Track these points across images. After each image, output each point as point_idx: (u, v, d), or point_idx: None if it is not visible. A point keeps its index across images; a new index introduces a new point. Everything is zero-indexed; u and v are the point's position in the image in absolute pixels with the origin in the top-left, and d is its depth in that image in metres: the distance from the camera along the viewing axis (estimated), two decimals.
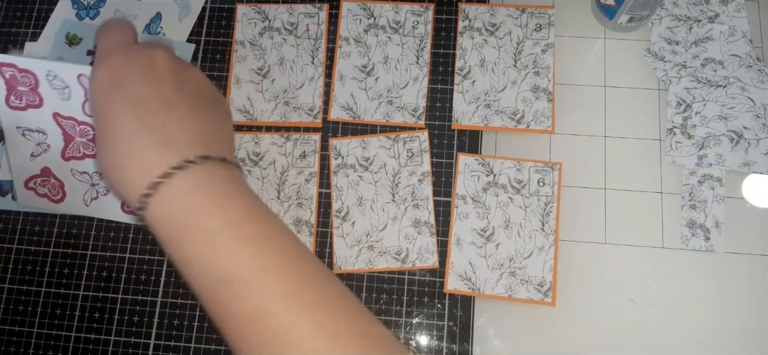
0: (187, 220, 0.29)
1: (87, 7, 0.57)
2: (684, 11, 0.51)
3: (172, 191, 0.29)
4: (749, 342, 0.44)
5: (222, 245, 0.29)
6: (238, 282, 0.28)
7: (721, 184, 0.47)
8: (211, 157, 0.31)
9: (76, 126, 0.40)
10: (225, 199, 0.30)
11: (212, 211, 0.29)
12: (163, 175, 0.29)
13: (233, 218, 0.29)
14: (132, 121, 0.31)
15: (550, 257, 0.46)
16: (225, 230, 0.29)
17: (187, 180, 0.30)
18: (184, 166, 0.30)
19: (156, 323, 0.48)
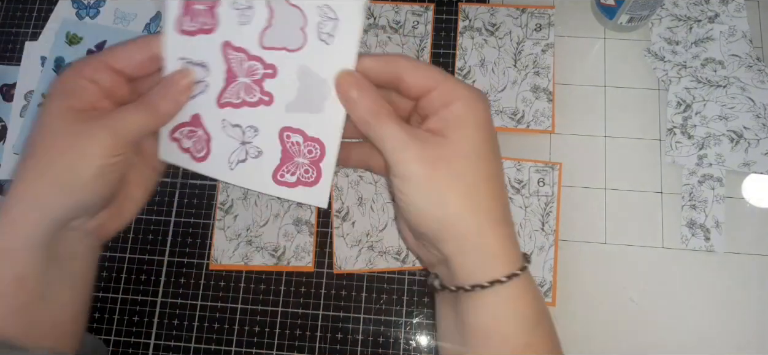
0: (499, 330, 0.30)
1: (87, 6, 0.57)
2: (684, 11, 0.51)
3: (503, 296, 0.30)
4: (750, 342, 0.44)
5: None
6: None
7: (721, 184, 0.47)
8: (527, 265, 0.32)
9: (244, 61, 0.33)
10: (534, 319, 0.31)
11: (520, 331, 0.30)
12: (510, 275, 0.30)
13: (535, 345, 0.31)
14: (504, 198, 0.31)
15: (550, 257, 0.46)
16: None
17: (517, 288, 0.30)
18: (519, 273, 0.30)
19: (156, 323, 0.48)
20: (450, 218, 0.30)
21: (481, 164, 0.30)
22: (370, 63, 0.31)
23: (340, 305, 0.47)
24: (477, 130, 0.30)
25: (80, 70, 0.32)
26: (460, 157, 0.30)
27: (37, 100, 0.54)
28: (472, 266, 0.30)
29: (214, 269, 0.49)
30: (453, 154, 0.30)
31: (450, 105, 0.30)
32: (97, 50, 0.55)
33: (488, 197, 0.30)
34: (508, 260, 0.30)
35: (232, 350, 0.47)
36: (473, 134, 0.30)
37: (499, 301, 0.30)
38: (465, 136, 0.30)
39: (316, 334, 0.47)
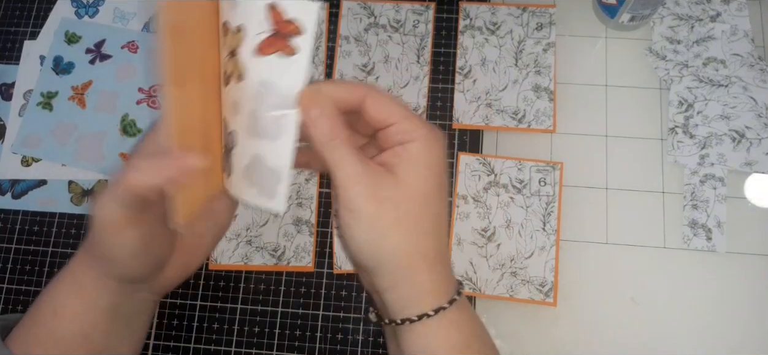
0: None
1: (86, 5, 0.57)
2: (685, 10, 0.51)
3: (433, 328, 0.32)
4: (750, 342, 0.44)
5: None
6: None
7: (723, 183, 0.47)
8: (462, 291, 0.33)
9: None
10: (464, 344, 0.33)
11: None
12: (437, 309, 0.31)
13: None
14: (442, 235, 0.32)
15: (551, 257, 0.46)
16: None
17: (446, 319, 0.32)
18: (454, 300, 0.32)
19: (156, 323, 0.48)
20: (387, 255, 0.31)
21: (426, 206, 0.32)
22: (333, 89, 0.32)
23: (340, 305, 0.47)
24: (428, 171, 0.32)
25: None
26: (407, 199, 0.31)
27: (36, 99, 0.54)
28: (404, 300, 0.32)
29: (213, 269, 0.49)
30: (401, 195, 0.31)
31: (406, 144, 0.32)
32: (96, 49, 0.55)
33: (427, 237, 0.32)
34: (438, 294, 0.32)
35: (232, 350, 0.47)
36: (424, 176, 0.32)
37: (429, 332, 0.32)
38: (415, 177, 0.31)
39: (316, 334, 0.47)
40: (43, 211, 0.51)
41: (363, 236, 0.31)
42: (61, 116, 0.53)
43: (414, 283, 0.32)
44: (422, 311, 0.32)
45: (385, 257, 0.31)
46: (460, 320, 0.33)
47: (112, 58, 0.55)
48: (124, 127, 0.53)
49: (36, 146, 0.53)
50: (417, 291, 0.32)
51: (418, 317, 0.32)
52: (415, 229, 0.31)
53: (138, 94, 0.53)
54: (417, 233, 0.31)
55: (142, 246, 0.32)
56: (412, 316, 0.32)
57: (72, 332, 0.33)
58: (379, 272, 0.32)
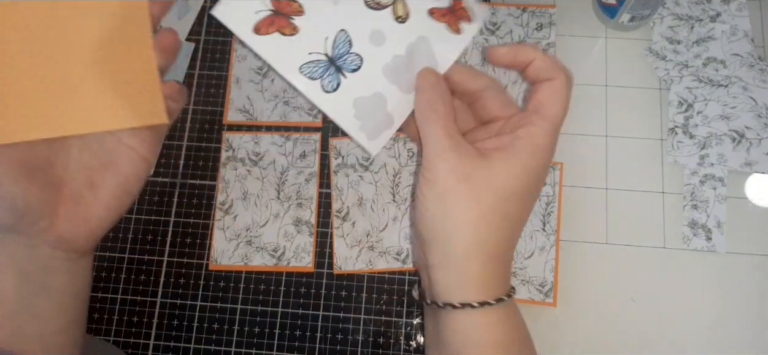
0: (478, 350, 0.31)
1: None
2: (685, 10, 0.51)
3: (476, 321, 0.31)
4: (751, 342, 0.44)
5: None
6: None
7: (723, 184, 0.47)
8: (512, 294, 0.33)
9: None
10: (507, 349, 0.32)
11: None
12: (482, 302, 0.31)
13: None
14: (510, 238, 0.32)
15: (551, 258, 0.46)
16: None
17: (491, 317, 0.31)
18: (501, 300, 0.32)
19: (155, 323, 0.48)
20: (446, 231, 0.31)
21: (504, 202, 0.31)
22: (503, 51, 0.34)
23: (340, 305, 0.47)
24: (522, 173, 0.31)
25: None
26: (488, 187, 0.30)
27: None
28: (449, 284, 0.31)
29: (213, 269, 0.49)
30: (484, 182, 0.30)
31: (519, 131, 0.32)
32: None
33: (493, 230, 0.31)
34: (486, 289, 0.31)
35: (231, 350, 0.47)
36: (515, 175, 0.31)
37: (472, 325, 0.31)
38: (506, 173, 0.31)
39: (316, 334, 0.47)
40: None
41: (431, 204, 0.31)
42: None
43: (464, 269, 0.31)
44: (466, 300, 0.31)
45: (444, 233, 0.31)
46: (506, 321, 0.32)
47: None
48: None
49: None
50: (465, 279, 0.31)
51: (461, 304, 0.31)
52: (483, 217, 0.30)
53: None
54: (484, 223, 0.30)
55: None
56: (455, 302, 0.31)
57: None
58: (434, 246, 0.32)
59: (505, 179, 0.31)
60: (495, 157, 0.31)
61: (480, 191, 0.30)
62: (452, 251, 0.31)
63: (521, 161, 0.31)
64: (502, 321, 0.32)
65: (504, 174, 0.31)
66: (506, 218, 0.31)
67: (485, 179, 0.30)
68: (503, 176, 0.31)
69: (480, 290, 0.31)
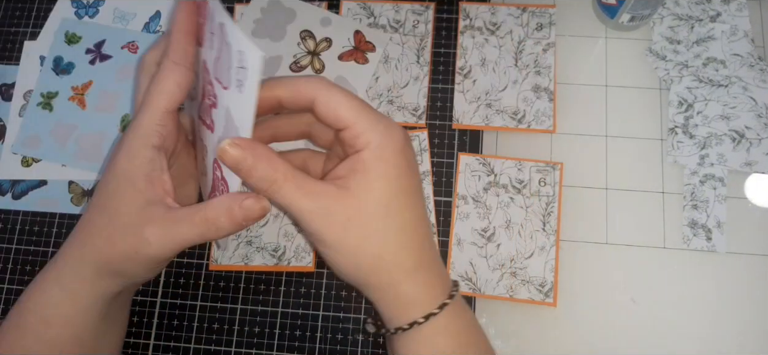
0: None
1: (86, 5, 0.57)
2: (685, 10, 0.51)
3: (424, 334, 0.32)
4: (751, 342, 0.44)
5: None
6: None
7: (723, 184, 0.47)
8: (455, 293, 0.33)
9: (207, 84, 0.32)
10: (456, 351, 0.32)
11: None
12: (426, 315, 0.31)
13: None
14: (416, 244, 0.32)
15: (551, 258, 0.46)
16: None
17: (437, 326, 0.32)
18: (445, 304, 0.32)
19: (155, 323, 0.48)
20: (364, 274, 0.31)
21: (389, 218, 0.30)
22: (282, 91, 0.31)
23: (340, 305, 0.47)
24: (384, 182, 0.30)
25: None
26: (367, 215, 0.30)
27: (36, 99, 0.54)
28: (393, 311, 0.32)
29: (213, 269, 0.49)
30: (360, 214, 0.30)
31: (360, 151, 0.30)
32: (96, 49, 0.55)
33: (399, 248, 0.31)
34: (424, 301, 0.32)
35: (231, 350, 0.47)
36: (380, 187, 0.30)
37: (421, 339, 0.32)
38: (371, 191, 0.30)
39: (316, 334, 0.47)
40: (43, 211, 0.51)
41: (339, 261, 0.31)
42: (61, 116, 0.53)
43: (397, 295, 0.32)
44: (411, 320, 0.31)
45: (363, 277, 0.31)
46: (453, 325, 0.32)
47: (112, 58, 0.55)
48: (125, 128, 0.53)
49: (36, 147, 0.53)
50: (402, 302, 0.32)
51: (409, 325, 0.32)
52: (383, 243, 0.30)
53: None
54: (386, 247, 0.30)
55: (174, 250, 0.31)
56: (403, 324, 0.32)
57: (64, 338, 0.33)
58: (364, 290, 0.32)
59: (373, 199, 0.30)
60: (352, 183, 0.30)
61: (363, 224, 0.30)
62: (379, 286, 0.31)
63: (376, 172, 0.30)
64: (449, 326, 0.32)
65: (369, 195, 0.30)
66: (400, 227, 0.31)
67: (359, 209, 0.30)
68: (369, 198, 0.30)
69: (419, 306, 0.32)
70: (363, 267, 0.31)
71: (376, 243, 0.30)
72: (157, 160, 0.31)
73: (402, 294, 0.31)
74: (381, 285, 0.31)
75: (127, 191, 0.31)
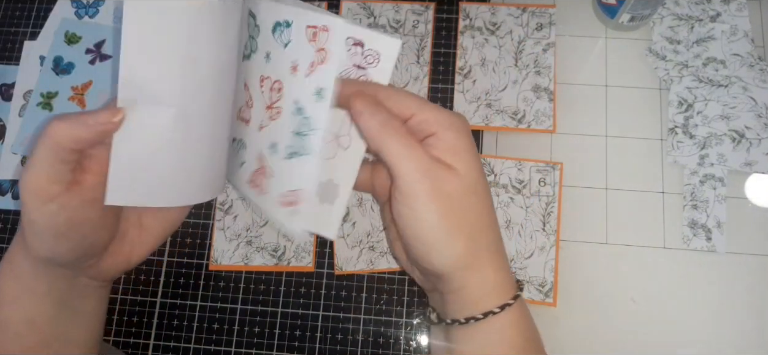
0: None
1: (86, 5, 0.57)
2: (685, 10, 0.51)
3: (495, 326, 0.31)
4: (751, 342, 0.44)
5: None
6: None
7: (723, 184, 0.47)
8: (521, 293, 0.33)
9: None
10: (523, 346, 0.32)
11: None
12: (502, 306, 0.31)
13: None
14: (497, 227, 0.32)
15: (551, 258, 0.46)
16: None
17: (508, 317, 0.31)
18: (511, 303, 0.31)
19: (155, 323, 0.48)
20: (456, 258, 0.30)
21: (484, 197, 0.31)
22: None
23: (340, 305, 0.47)
24: (474, 161, 0.30)
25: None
26: (466, 193, 0.30)
27: (36, 99, 0.54)
28: (470, 299, 0.31)
29: (213, 269, 0.49)
30: (460, 190, 0.29)
31: (436, 135, 0.30)
32: (96, 49, 0.55)
33: (488, 232, 0.31)
34: (503, 290, 0.31)
35: (231, 350, 0.47)
36: (473, 166, 0.30)
37: (490, 330, 0.31)
38: (468, 169, 0.30)
39: (316, 334, 0.47)
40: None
41: (429, 238, 0.29)
42: None
43: (481, 282, 0.30)
44: (487, 309, 0.30)
45: (453, 260, 0.30)
46: (520, 321, 0.32)
47: (112, 58, 0.55)
48: None
49: None
50: (483, 290, 0.30)
51: (484, 314, 0.30)
52: (478, 226, 0.30)
53: None
54: (480, 229, 0.30)
55: (67, 225, 0.30)
56: (477, 313, 0.30)
57: (16, 318, 0.32)
58: (446, 275, 0.31)
59: (469, 177, 0.30)
60: (452, 161, 0.30)
61: (462, 203, 0.29)
62: (466, 272, 0.30)
63: (466, 150, 0.30)
64: (518, 320, 0.32)
65: (467, 172, 0.30)
66: (489, 209, 0.31)
67: (459, 187, 0.29)
68: (468, 175, 0.30)
69: (498, 294, 0.31)
70: (456, 250, 0.30)
71: (474, 223, 0.30)
72: None
73: (484, 280, 0.31)
74: (467, 270, 0.30)
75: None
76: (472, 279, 0.31)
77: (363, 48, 0.30)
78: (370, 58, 0.30)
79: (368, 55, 0.30)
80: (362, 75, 0.31)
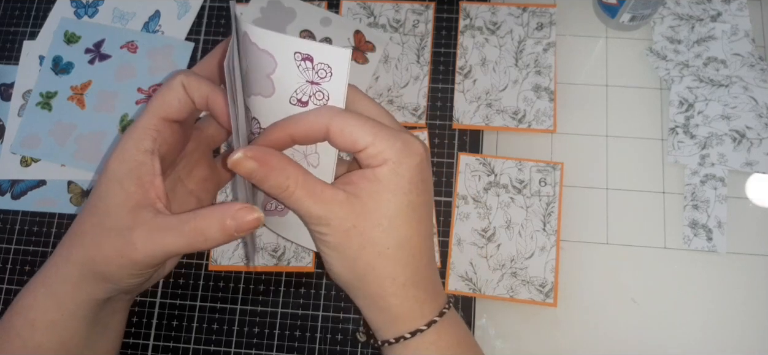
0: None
1: (86, 5, 0.57)
2: (686, 10, 0.51)
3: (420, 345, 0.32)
4: (751, 342, 0.44)
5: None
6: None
7: (724, 184, 0.47)
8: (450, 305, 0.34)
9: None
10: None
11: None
12: (413, 332, 0.32)
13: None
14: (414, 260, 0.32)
15: (551, 258, 0.46)
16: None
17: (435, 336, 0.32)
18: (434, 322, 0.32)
19: (155, 323, 0.48)
20: (356, 281, 0.32)
21: (393, 231, 0.31)
22: (293, 129, 0.31)
23: (340, 305, 0.47)
24: (393, 197, 0.30)
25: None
26: (372, 226, 0.30)
27: (36, 99, 0.54)
28: (381, 324, 0.33)
29: (213, 269, 0.49)
30: (366, 223, 0.30)
31: (376, 168, 0.30)
32: (95, 49, 0.55)
33: (395, 262, 0.31)
34: (411, 318, 0.32)
35: (231, 350, 0.47)
36: (387, 200, 0.30)
37: (422, 345, 0.32)
38: (380, 203, 0.30)
39: (315, 334, 0.47)
40: (43, 211, 0.51)
41: (335, 265, 0.32)
42: (60, 116, 0.53)
43: (385, 307, 0.32)
44: (398, 334, 0.32)
45: (355, 283, 0.32)
46: (443, 341, 0.33)
47: (111, 58, 0.55)
48: (124, 128, 0.53)
49: (35, 146, 0.52)
50: (389, 315, 0.32)
51: (396, 339, 0.32)
52: (381, 255, 0.31)
53: (137, 94, 0.53)
54: (383, 259, 0.31)
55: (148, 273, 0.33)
56: (390, 338, 0.32)
57: (49, 343, 0.33)
58: (354, 296, 0.33)
59: (381, 211, 0.30)
60: (364, 193, 0.30)
61: (366, 233, 0.30)
62: (368, 296, 0.32)
63: (388, 187, 0.30)
64: (438, 341, 0.33)
65: (377, 206, 0.30)
66: (400, 243, 0.31)
67: (366, 219, 0.30)
68: (378, 209, 0.30)
69: (406, 322, 0.32)
70: (356, 273, 0.31)
71: (372, 253, 0.31)
72: (149, 164, 0.31)
73: (389, 307, 0.32)
74: (370, 294, 0.32)
75: (117, 192, 0.31)
76: (376, 305, 0.32)
77: (313, 62, 0.29)
78: (322, 73, 0.29)
79: (320, 69, 0.29)
80: (318, 91, 0.30)
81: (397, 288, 0.31)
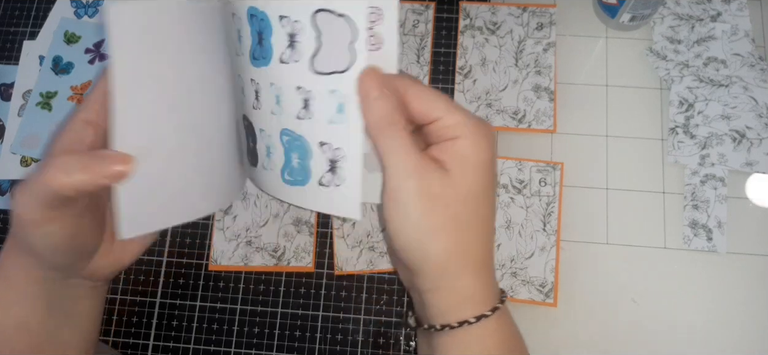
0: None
1: (86, 5, 0.57)
2: (686, 10, 0.51)
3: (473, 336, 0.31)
4: (752, 342, 0.44)
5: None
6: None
7: (724, 184, 0.47)
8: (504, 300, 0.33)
9: None
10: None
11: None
12: (478, 316, 0.30)
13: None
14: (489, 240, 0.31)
15: (551, 258, 0.46)
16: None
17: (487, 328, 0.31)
18: (496, 309, 0.31)
19: (155, 323, 0.48)
20: (433, 257, 0.30)
21: (476, 208, 0.30)
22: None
23: (340, 305, 0.47)
24: (478, 172, 0.30)
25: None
26: (457, 199, 0.29)
27: (36, 99, 0.54)
28: (445, 305, 0.31)
29: (213, 269, 0.49)
30: (452, 195, 0.29)
31: (456, 139, 0.30)
32: (96, 49, 0.55)
33: (475, 241, 0.30)
34: (481, 301, 0.31)
35: (231, 350, 0.47)
36: (474, 176, 0.30)
37: (468, 340, 0.31)
38: (466, 177, 0.30)
39: (316, 334, 0.47)
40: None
41: (410, 234, 0.29)
42: (60, 116, 0.53)
43: (458, 287, 0.30)
44: (463, 318, 0.30)
45: (430, 259, 0.30)
46: (500, 331, 0.31)
47: None
48: None
49: (35, 146, 0.52)
50: (460, 297, 0.30)
51: (459, 323, 0.30)
52: (464, 231, 0.30)
53: None
54: (466, 236, 0.30)
55: (64, 240, 0.30)
56: (453, 322, 0.30)
57: (8, 323, 0.32)
58: (423, 273, 0.31)
59: (467, 185, 0.29)
60: (450, 165, 0.29)
61: (452, 206, 0.29)
62: (443, 273, 0.30)
63: (472, 160, 0.30)
64: (497, 331, 0.32)
65: (464, 180, 0.29)
66: (481, 221, 0.31)
67: (453, 191, 0.29)
68: (465, 183, 0.29)
69: (475, 304, 0.31)
70: (435, 248, 0.29)
71: (459, 228, 0.29)
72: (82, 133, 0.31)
73: (462, 288, 0.30)
74: (444, 272, 0.30)
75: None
76: (448, 283, 0.30)
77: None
78: (374, 17, 0.28)
79: (371, 13, 0.28)
80: (371, 35, 0.29)
81: (473, 269, 0.30)
